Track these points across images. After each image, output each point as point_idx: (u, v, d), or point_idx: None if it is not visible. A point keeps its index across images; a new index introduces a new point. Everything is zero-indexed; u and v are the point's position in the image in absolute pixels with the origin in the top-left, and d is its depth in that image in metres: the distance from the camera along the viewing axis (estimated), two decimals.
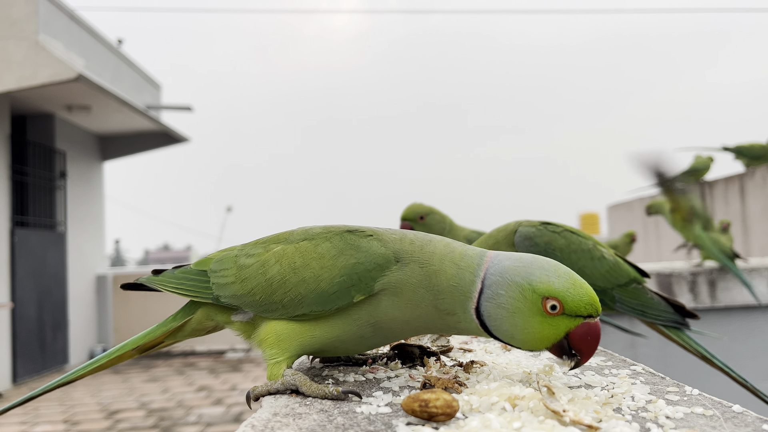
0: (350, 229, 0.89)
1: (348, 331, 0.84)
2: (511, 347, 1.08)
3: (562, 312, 0.75)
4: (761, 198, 5.17)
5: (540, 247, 1.25)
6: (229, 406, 5.71)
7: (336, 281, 0.82)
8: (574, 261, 1.27)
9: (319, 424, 0.65)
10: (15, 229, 7.41)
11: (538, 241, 1.26)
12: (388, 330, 0.85)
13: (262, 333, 0.87)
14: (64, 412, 5.76)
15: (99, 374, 7.80)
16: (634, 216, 7.70)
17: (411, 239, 0.86)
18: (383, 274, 0.82)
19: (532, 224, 1.29)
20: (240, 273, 0.89)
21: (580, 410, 0.65)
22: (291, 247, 0.88)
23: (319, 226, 0.92)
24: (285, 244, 0.89)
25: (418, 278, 0.82)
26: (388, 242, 0.85)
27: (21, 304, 7.37)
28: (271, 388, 0.82)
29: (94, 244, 9.54)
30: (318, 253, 0.85)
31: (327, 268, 0.84)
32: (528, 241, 1.26)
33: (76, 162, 9.01)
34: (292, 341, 0.84)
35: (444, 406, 0.63)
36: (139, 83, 9.71)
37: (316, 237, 0.88)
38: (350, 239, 0.86)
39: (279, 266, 0.86)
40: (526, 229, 1.28)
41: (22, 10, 6.68)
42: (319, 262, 0.84)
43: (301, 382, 0.80)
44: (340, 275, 0.82)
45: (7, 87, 6.48)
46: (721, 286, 3.00)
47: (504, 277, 0.78)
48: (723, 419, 0.64)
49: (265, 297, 0.86)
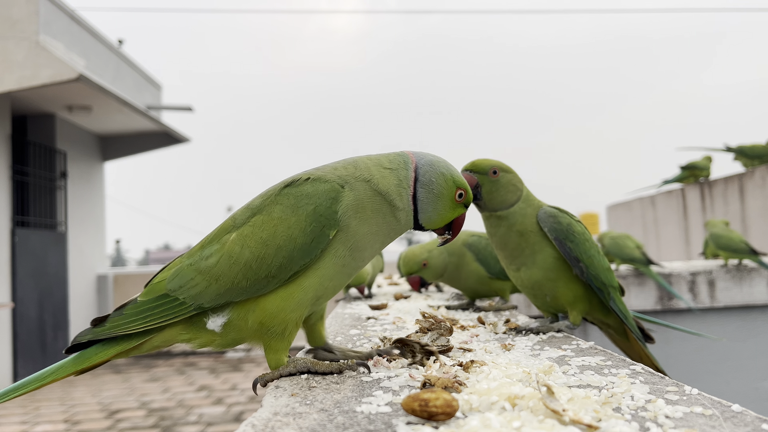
0: (286, 183, 0.92)
1: (332, 266, 0.89)
2: (510, 346, 1.08)
3: (462, 201, 0.97)
4: (760, 198, 5.17)
5: (563, 226, 1.30)
6: (229, 406, 5.71)
7: (309, 231, 0.86)
8: (586, 249, 1.31)
9: (319, 423, 0.65)
10: (16, 229, 7.41)
11: (562, 221, 1.31)
12: (362, 249, 0.92)
13: (252, 320, 0.88)
14: (64, 412, 5.77)
15: (100, 374, 7.80)
16: (634, 216, 7.70)
17: (342, 166, 0.94)
18: (339, 203, 0.88)
19: (555, 207, 1.36)
20: (210, 274, 0.88)
21: (580, 409, 0.65)
22: (247, 228, 0.89)
23: (253, 200, 0.94)
24: (237, 230, 0.90)
25: (368, 190, 0.91)
26: (325, 177, 0.91)
27: (22, 303, 7.38)
28: (283, 371, 0.87)
29: (94, 244, 9.55)
30: (277, 218, 0.88)
31: (294, 225, 0.87)
32: (552, 218, 1.31)
33: (76, 162, 9.02)
34: (286, 309, 0.87)
35: (444, 406, 0.63)
36: (139, 83, 9.71)
37: (263, 208, 0.90)
38: (295, 192, 0.90)
39: (249, 248, 0.87)
40: (550, 209, 1.34)
41: (22, 10, 6.68)
42: (285, 224, 0.87)
43: (312, 362, 0.88)
44: (309, 224, 0.87)
45: (7, 87, 6.49)
46: (721, 287, 3.00)
47: (433, 168, 0.95)
48: (722, 418, 0.64)
49: (252, 279, 0.86)
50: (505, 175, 1.34)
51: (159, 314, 0.90)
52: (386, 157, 0.95)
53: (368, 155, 0.97)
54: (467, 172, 1.35)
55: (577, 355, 1.01)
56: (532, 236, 1.32)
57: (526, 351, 1.06)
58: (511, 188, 1.33)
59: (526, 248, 1.33)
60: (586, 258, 1.30)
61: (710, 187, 6.00)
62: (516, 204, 1.34)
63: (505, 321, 1.41)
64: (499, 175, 1.33)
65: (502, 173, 1.34)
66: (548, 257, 1.32)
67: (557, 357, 0.99)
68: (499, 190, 1.33)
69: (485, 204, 1.34)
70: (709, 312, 3.00)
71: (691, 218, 6.33)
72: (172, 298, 0.90)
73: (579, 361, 0.95)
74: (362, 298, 2.20)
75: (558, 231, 1.30)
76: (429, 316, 1.18)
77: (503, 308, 1.74)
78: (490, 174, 1.33)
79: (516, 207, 1.34)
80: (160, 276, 0.95)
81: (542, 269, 1.33)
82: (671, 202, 6.75)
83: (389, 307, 1.85)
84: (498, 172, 1.33)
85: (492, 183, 1.33)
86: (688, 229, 6.39)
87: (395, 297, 2.10)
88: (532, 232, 1.32)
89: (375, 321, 1.54)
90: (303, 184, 0.90)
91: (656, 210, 7.13)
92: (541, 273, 1.33)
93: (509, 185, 1.33)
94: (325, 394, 0.78)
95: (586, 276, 1.30)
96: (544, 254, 1.32)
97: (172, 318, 0.90)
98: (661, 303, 3.01)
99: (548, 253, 1.32)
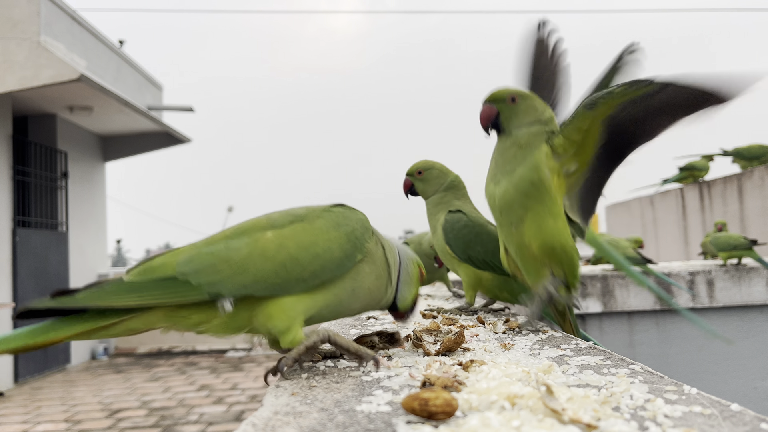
0: (327, 207, 1.01)
1: (337, 295, 0.96)
2: (509, 346, 1.08)
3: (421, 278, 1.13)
4: (759, 198, 5.17)
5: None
6: (230, 405, 5.72)
7: (344, 247, 0.95)
8: None
9: (319, 423, 0.66)
10: (17, 229, 7.42)
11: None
12: (356, 298, 0.99)
13: (263, 314, 0.90)
14: (65, 411, 5.77)
15: (100, 374, 7.81)
16: (633, 216, 7.69)
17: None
18: (369, 237, 1.00)
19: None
20: (239, 264, 0.88)
21: (579, 409, 0.66)
22: (287, 230, 0.93)
23: (296, 209, 0.99)
24: (275, 230, 0.93)
25: (380, 252, 1.03)
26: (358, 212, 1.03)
27: (23, 303, 7.36)
28: (308, 342, 0.90)
29: (95, 244, 9.56)
30: (318, 229, 0.95)
31: (333, 239, 0.94)
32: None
33: (77, 162, 9.03)
34: (296, 310, 0.91)
35: (443, 405, 0.64)
36: (140, 84, 9.72)
37: (306, 217, 0.96)
38: (338, 211, 1.00)
39: (287, 249, 0.91)
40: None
41: (23, 11, 6.69)
42: (326, 236, 0.94)
43: (333, 333, 0.93)
44: (346, 242, 0.95)
45: (8, 88, 6.49)
46: (720, 286, 3.00)
47: (407, 254, 1.10)
48: (721, 418, 0.64)
49: (283, 278, 0.90)
50: (524, 101, 1.33)
51: (159, 294, 0.86)
52: (388, 236, 1.08)
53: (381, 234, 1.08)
54: (488, 104, 1.34)
55: (576, 354, 1.01)
56: (530, 151, 1.28)
57: (526, 350, 1.06)
58: (531, 112, 1.33)
59: (517, 158, 1.29)
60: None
61: (709, 188, 6.01)
62: (534, 125, 1.31)
63: (504, 321, 1.41)
64: (518, 102, 1.33)
65: (520, 99, 1.33)
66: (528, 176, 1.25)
67: (556, 356, 1.00)
68: (518, 114, 1.32)
69: (505, 128, 1.33)
70: (708, 312, 3.00)
71: (690, 218, 6.33)
72: (182, 281, 0.86)
73: (578, 360, 0.96)
74: None
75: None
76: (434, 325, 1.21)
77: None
78: (508, 101, 1.33)
79: (534, 127, 1.31)
80: (161, 260, 0.90)
81: (517, 188, 1.26)
82: (670, 202, 6.75)
83: None
84: (516, 99, 1.33)
85: (510, 109, 1.33)
86: (687, 229, 6.39)
87: None
88: (533, 148, 1.28)
89: (375, 321, 1.54)
90: (345, 209, 1.01)
91: (655, 210, 7.13)
92: (514, 191, 1.27)
93: (529, 109, 1.33)
94: (325, 394, 0.79)
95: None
96: (526, 170, 1.26)
97: (175, 300, 0.86)
98: (660, 302, 3.02)
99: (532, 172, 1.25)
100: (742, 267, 3.04)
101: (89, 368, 8.32)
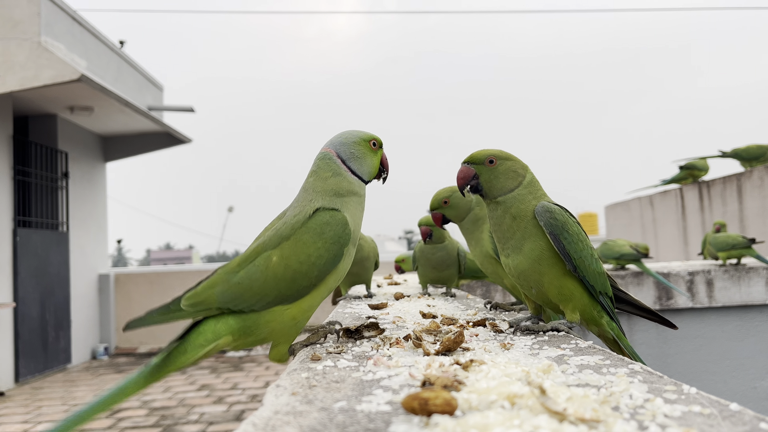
0: (306, 216, 1.15)
1: (329, 285, 1.14)
2: (509, 345, 1.09)
3: (378, 147, 1.27)
4: (758, 198, 5.17)
5: (558, 222, 1.29)
6: (230, 405, 5.72)
7: (333, 249, 1.12)
8: (579, 249, 1.30)
9: (320, 422, 0.66)
10: (18, 229, 7.43)
11: (558, 217, 1.29)
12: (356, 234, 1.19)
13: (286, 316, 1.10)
14: (66, 411, 5.78)
15: (101, 373, 7.82)
16: (632, 216, 7.69)
17: (318, 195, 1.19)
18: (348, 224, 1.15)
19: (554, 203, 1.35)
20: (262, 289, 1.08)
21: (579, 408, 0.66)
22: (285, 250, 1.10)
23: (281, 228, 1.14)
24: (274, 251, 1.10)
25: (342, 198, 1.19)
26: (327, 205, 1.16)
27: (23, 303, 7.39)
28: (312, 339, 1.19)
29: (96, 244, 9.56)
30: (307, 244, 1.11)
31: (321, 247, 1.11)
32: (548, 213, 1.29)
33: (78, 162, 9.04)
34: (313, 306, 1.13)
35: (443, 404, 0.64)
36: (141, 84, 9.73)
37: (292, 235, 1.12)
38: (317, 221, 1.13)
39: (291, 268, 1.09)
40: (548, 204, 1.32)
41: (24, 11, 6.70)
42: (314, 246, 1.11)
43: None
44: (333, 245, 1.12)
45: (9, 88, 6.50)
46: (719, 286, 3.00)
47: (346, 143, 1.24)
48: (720, 417, 0.64)
49: (295, 288, 1.09)
50: (504, 163, 1.33)
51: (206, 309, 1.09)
52: (321, 170, 1.21)
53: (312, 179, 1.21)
54: (465, 165, 1.35)
55: (575, 354, 1.01)
56: (525, 222, 1.30)
57: (525, 350, 1.06)
58: (510, 175, 1.33)
59: (517, 232, 1.31)
60: (577, 258, 1.29)
61: (708, 188, 6.01)
62: (516, 189, 1.32)
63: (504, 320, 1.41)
64: (497, 164, 1.33)
65: (499, 161, 1.33)
66: (536, 248, 1.30)
67: (556, 356, 1.00)
68: (498, 177, 1.33)
69: (486, 193, 1.34)
70: (707, 311, 3.00)
71: (689, 218, 6.33)
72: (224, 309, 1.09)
73: (578, 360, 0.96)
74: (362, 298, 2.21)
75: (553, 226, 1.28)
76: (433, 325, 1.21)
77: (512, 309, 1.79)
78: (486, 163, 1.33)
79: (516, 192, 1.32)
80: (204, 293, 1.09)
81: (529, 259, 1.30)
82: (669, 202, 6.76)
83: (389, 306, 1.85)
84: (495, 161, 1.33)
85: (490, 172, 1.33)
86: (686, 229, 6.39)
87: (395, 297, 2.10)
88: (526, 218, 1.30)
89: (375, 320, 1.55)
90: (320, 214, 1.14)
91: (654, 210, 7.13)
92: (528, 263, 1.31)
93: (508, 172, 1.33)
94: (325, 393, 0.79)
95: (580, 273, 1.29)
96: (533, 244, 1.30)
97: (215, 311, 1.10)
98: (660, 303, 3.02)
99: (537, 243, 1.29)
100: (741, 267, 3.04)
101: (90, 368, 8.33)
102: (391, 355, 1.02)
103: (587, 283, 1.31)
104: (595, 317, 1.37)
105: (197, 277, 9.68)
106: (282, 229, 1.13)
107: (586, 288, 1.33)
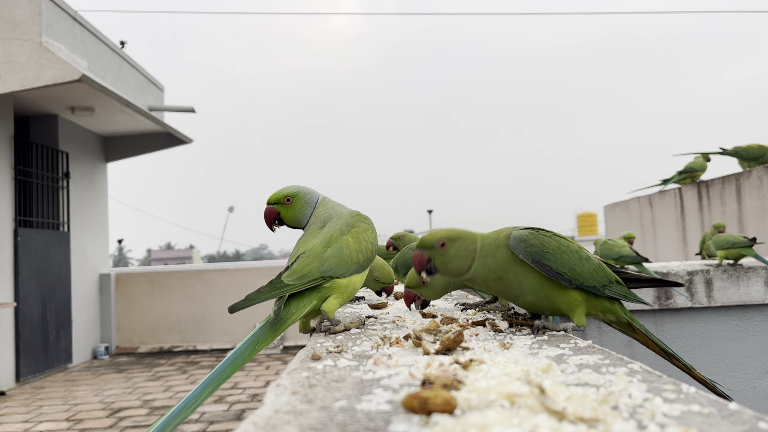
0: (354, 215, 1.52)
1: (364, 274, 1.48)
2: (509, 345, 1.09)
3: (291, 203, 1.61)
4: (757, 198, 5.17)
5: (535, 248, 1.28)
6: (230, 404, 5.73)
7: (375, 240, 1.51)
8: (565, 261, 1.30)
9: (320, 421, 0.66)
10: (19, 229, 7.44)
11: (533, 242, 1.29)
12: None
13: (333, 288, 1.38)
14: (67, 411, 5.79)
15: (102, 373, 7.83)
16: (632, 216, 7.69)
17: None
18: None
19: (525, 228, 1.35)
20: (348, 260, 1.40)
21: (578, 407, 0.66)
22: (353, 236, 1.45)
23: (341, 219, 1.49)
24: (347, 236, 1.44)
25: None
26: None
27: (24, 303, 7.40)
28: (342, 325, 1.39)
29: (97, 244, 9.57)
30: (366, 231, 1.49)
31: (372, 236, 1.50)
32: (523, 243, 1.29)
33: (79, 162, 9.04)
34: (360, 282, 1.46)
35: (443, 404, 0.64)
36: (142, 85, 9.73)
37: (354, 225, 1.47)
38: (363, 219, 1.52)
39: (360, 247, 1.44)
40: (520, 233, 1.31)
41: (25, 12, 6.70)
42: (371, 235, 1.50)
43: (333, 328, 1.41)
44: (375, 237, 1.52)
45: (10, 88, 6.51)
46: (718, 286, 3.00)
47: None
48: (719, 417, 0.65)
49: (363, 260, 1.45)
50: (453, 244, 1.32)
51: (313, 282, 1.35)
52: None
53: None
54: (418, 250, 1.34)
55: (575, 353, 1.02)
56: (510, 274, 1.31)
57: (525, 350, 1.06)
58: (462, 254, 1.32)
59: (513, 282, 1.32)
60: (567, 270, 1.29)
61: (707, 188, 6.00)
62: (473, 266, 1.32)
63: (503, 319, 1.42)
64: (447, 246, 1.31)
65: (449, 243, 1.32)
66: (533, 281, 1.30)
67: (555, 355, 1.00)
68: (451, 260, 1.32)
69: (444, 274, 1.36)
70: (706, 311, 3.00)
71: (688, 218, 6.33)
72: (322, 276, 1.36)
73: (577, 359, 0.96)
74: (361, 298, 2.21)
75: (532, 254, 1.27)
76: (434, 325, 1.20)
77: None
78: (438, 247, 1.32)
79: (473, 268, 1.32)
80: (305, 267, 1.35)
81: (533, 293, 1.32)
82: (668, 202, 6.76)
83: (389, 306, 1.86)
84: (446, 244, 1.32)
85: (442, 255, 1.32)
86: (685, 229, 6.39)
87: (395, 296, 2.10)
88: (507, 270, 1.30)
89: (375, 320, 1.55)
90: (361, 216, 1.52)
91: (654, 210, 7.13)
92: (533, 296, 1.33)
93: (460, 252, 1.32)
94: (325, 392, 0.79)
95: (576, 284, 1.31)
96: (529, 279, 1.31)
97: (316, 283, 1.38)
98: (659, 302, 3.02)
99: (532, 276, 1.30)
100: (740, 267, 3.04)
101: (90, 367, 8.34)
102: (391, 355, 1.02)
103: (587, 288, 1.33)
104: (607, 307, 1.39)
105: (198, 276, 9.70)
106: (341, 224, 1.46)
107: (589, 291, 1.35)
